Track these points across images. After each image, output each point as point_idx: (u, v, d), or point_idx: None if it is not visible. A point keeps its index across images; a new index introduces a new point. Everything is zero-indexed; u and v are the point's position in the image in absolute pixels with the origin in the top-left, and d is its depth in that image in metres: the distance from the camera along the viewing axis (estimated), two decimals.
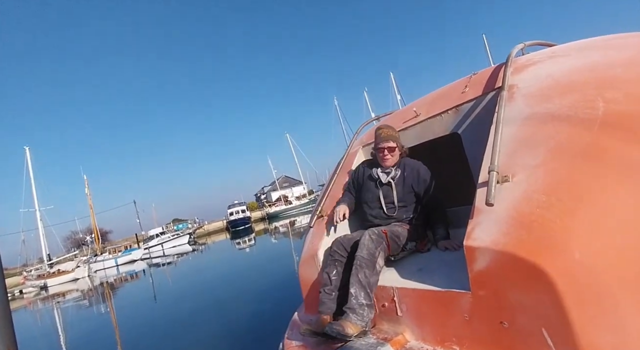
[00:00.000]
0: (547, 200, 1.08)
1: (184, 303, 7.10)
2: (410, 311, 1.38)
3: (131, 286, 13.50)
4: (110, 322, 7.29)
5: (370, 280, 1.52)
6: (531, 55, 1.88)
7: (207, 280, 9.45)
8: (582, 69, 1.48)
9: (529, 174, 1.20)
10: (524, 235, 1.05)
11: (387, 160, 2.00)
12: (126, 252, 26.73)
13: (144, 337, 5.34)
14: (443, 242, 1.85)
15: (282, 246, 14.05)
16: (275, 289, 6.16)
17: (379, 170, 2.05)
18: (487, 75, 1.91)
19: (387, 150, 1.98)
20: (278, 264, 9.39)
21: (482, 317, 1.12)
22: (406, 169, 2.01)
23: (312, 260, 1.91)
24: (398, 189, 1.98)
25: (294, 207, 39.15)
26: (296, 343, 1.61)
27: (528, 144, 1.30)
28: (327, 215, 2.18)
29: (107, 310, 8.96)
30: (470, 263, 1.14)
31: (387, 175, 2.01)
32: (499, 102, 1.49)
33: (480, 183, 1.31)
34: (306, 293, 1.96)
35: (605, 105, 1.22)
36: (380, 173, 2.03)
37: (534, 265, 0.98)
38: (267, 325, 4.38)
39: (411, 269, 1.64)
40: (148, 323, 6.17)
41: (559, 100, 1.36)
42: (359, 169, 2.20)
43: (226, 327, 4.78)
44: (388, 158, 1.99)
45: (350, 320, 1.42)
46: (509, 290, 1.05)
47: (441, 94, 2.24)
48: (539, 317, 0.98)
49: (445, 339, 1.23)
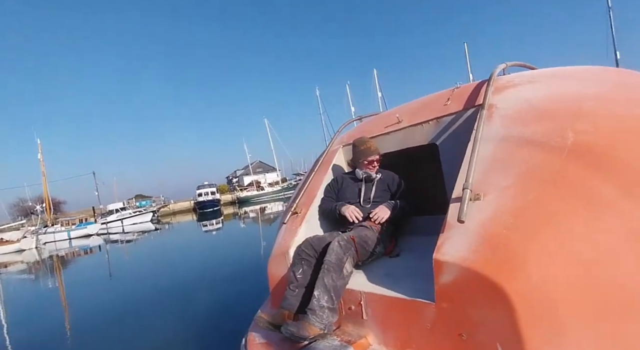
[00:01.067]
0: (513, 222, 1.14)
1: (141, 285, 6.84)
2: (376, 316, 1.42)
3: (84, 261, 12.79)
4: (58, 299, 6.89)
5: (337, 284, 1.54)
6: (512, 77, 1.96)
7: (169, 263, 9.17)
8: (557, 98, 1.55)
9: (499, 195, 1.25)
10: (489, 254, 1.10)
11: (373, 170, 2.26)
12: (81, 226, 25.15)
13: (94, 318, 5.08)
14: (380, 210, 2.04)
15: (251, 232, 13.93)
16: (241, 278, 6.10)
17: (361, 171, 2.27)
18: (469, 91, 1.97)
19: (377, 162, 2.26)
20: (245, 251, 9.29)
21: (443, 328, 1.17)
22: (383, 174, 2.28)
23: (282, 257, 1.91)
24: (377, 186, 2.23)
25: (265, 193, 38.80)
26: (259, 340, 1.61)
27: (501, 165, 1.36)
28: (301, 213, 2.17)
29: (55, 285, 8.44)
30: (437, 276, 1.19)
31: (367, 174, 2.25)
32: (478, 120, 1.54)
33: (453, 198, 1.36)
34: (273, 289, 1.95)
35: (574, 135, 1.30)
36: (361, 172, 2.26)
37: (495, 284, 1.04)
38: (230, 316, 4.34)
39: (379, 274, 1.68)
40: (100, 303, 5.88)
41: (533, 126, 1.43)
42: (339, 177, 2.38)
43: (186, 316, 4.67)
44: (374, 167, 2.26)
45: (308, 321, 1.44)
46: (471, 305, 1.10)
47: (424, 103, 2.28)
48: (496, 333, 1.04)
49: (406, 345, 1.28)
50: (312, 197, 2.27)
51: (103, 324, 4.76)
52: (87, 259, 13.35)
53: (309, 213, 2.15)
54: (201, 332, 4.01)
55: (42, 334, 4.83)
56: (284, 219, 2.19)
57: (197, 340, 3.74)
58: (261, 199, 37.04)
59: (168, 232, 20.21)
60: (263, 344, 1.56)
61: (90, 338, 4.29)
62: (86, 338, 4.33)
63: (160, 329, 4.37)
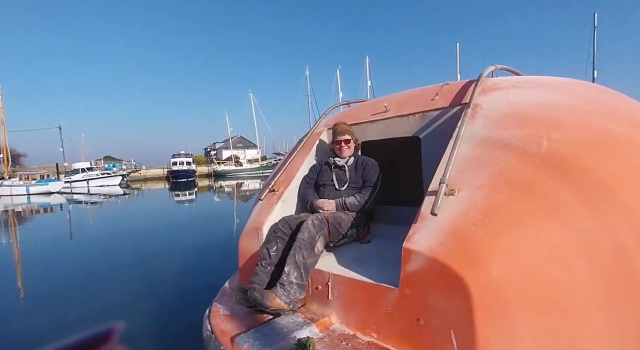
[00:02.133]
0: (481, 219, 1.20)
1: (104, 249, 6.63)
2: (341, 297, 1.46)
3: (43, 219, 12.15)
4: (11, 256, 6.55)
5: (307, 262, 1.57)
6: (498, 80, 2.00)
7: (136, 230, 8.90)
8: (537, 106, 1.61)
9: (472, 192, 1.30)
10: (456, 247, 1.15)
11: (344, 151, 2.28)
12: (42, 182, 23.75)
13: (50, 278, 4.89)
14: (326, 203, 2.08)
15: (225, 207, 13.74)
16: (209, 252, 6.05)
17: (337, 159, 2.30)
18: (457, 89, 2.00)
19: (344, 143, 2.28)
20: (216, 225, 9.18)
21: (403, 312, 1.23)
22: (359, 160, 2.31)
23: (254, 233, 1.90)
24: (351, 172, 2.26)
25: (244, 169, 38.19)
26: (223, 311, 1.62)
27: (477, 165, 1.41)
28: (278, 191, 2.16)
29: (9, 241, 8.01)
30: (405, 263, 1.23)
31: (342, 161, 2.28)
32: (463, 118, 1.58)
33: (429, 191, 1.39)
34: (243, 264, 1.95)
35: (548, 143, 1.36)
36: (337, 160, 2.29)
37: (457, 275, 1.09)
38: (195, 287, 4.32)
39: (349, 258, 1.72)
40: (57, 264, 5.65)
41: (512, 129, 1.48)
42: (321, 162, 2.41)
43: (149, 284, 4.59)
44: (345, 149, 2.28)
45: (275, 293, 1.47)
46: (432, 293, 1.16)
47: (413, 95, 2.30)
48: (451, 320, 1.10)
49: (367, 326, 1.33)
50: (291, 177, 2.26)
51: (60, 285, 4.59)
52: (46, 217, 12.69)
53: (286, 192, 2.15)
54: (163, 300, 3.98)
55: None
56: (261, 195, 2.17)
57: (159, 308, 3.72)
58: (239, 174, 36.46)
59: (137, 198, 19.54)
60: (226, 316, 1.57)
61: (45, 299, 4.14)
62: (41, 298, 4.17)
63: (121, 294, 4.29)
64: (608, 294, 1.07)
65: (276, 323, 1.42)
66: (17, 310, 4.00)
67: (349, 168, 2.25)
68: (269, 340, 1.27)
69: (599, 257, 1.09)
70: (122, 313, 3.68)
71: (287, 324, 1.41)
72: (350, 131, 2.31)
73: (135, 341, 3.08)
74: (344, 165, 2.26)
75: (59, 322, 3.55)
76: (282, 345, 1.24)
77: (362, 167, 2.25)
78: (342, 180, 2.24)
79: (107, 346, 0.24)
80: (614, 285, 1.07)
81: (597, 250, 1.10)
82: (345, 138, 2.27)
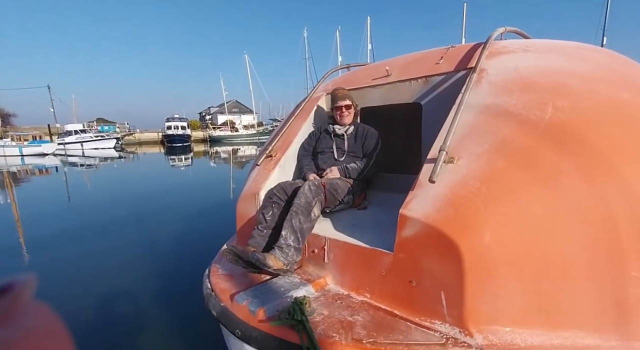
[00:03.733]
0: (479, 187, 1.20)
1: (102, 210, 6.70)
2: (336, 260, 1.51)
3: (39, 181, 12.13)
4: (10, 215, 6.62)
5: (303, 227, 1.59)
6: (507, 43, 1.91)
7: (133, 193, 8.95)
8: (545, 71, 1.55)
9: (471, 160, 1.29)
10: (452, 214, 1.16)
11: (344, 118, 2.22)
12: (34, 142, 23.38)
13: (50, 238, 5.00)
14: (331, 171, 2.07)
15: (221, 173, 13.76)
16: (207, 216, 6.15)
17: (336, 126, 2.26)
18: (463, 52, 1.90)
19: (345, 108, 2.20)
20: (213, 190, 9.25)
21: (396, 274, 1.27)
22: (359, 128, 2.26)
23: (252, 198, 1.91)
24: (350, 141, 2.22)
25: (239, 135, 37.70)
26: (222, 271, 1.67)
27: (478, 132, 1.38)
28: (275, 156, 2.14)
29: (6, 201, 8.05)
30: (400, 229, 1.25)
31: (342, 129, 2.23)
32: (467, 84, 1.52)
33: (428, 159, 1.38)
34: (240, 227, 1.98)
35: (553, 111, 1.32)
36: (336, 127, 2.25)
37: (450, 240, 1.12)
38: (194, 249, 4.44)
39: (346, 223, 1.75)
40: (57, 224, 5.74)
41: (517, 95, 1.43)
42: (320, 128, 2.36)
43: (148, 244, 4.71)
44: (346, 115, 2.22)
45: (274, 255, 1.51)
46: (426, 257, 1.19)
47: (416, 59, 2.20)
48: (441, 282, 1.15)
49: (360, 287, 1.39)
50: (288, 143, 2.22)
51: (60, 243, 4.70)
52: (42, 178, 12.66)
53: (283, 157, 2.12)
54: (163, 261, 4.11)
55: None
56: (258, 160, 2.15)
57: (159, 269, 3.85)
58: (234, 140, 36.06)
59: (133, 162, 19.43)
60: (225, 275, 1.62)
61: (46, 256, 4.25)
62: (42, 256, 4.29)
63: (120, 253, 4.41)
64: (592, 260, 1.11)
65: (274, 283, 1.48)
66: (25, 270, 4.11)
67: (348, 137, 2.22)
68: (267, 298, 1.33)
69: (588, 227, 1.11)
70: (123, 272, 3.82)
71: (284, 284, 1.46)
72: (350, 97, 2.23)
73: (137, 298, 3.22)
74: (343, 134, 2.22)
75: (66, 280, 3.68)
76: (280, 303, 1.29)
77: (362, 137, 2.21)
78: (341, 149, 2.21)
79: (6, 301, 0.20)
80: (599, 253, 1.11)
81: (586, 220, 1.12)
82: (346, 103, 2.20)
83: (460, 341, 1.07)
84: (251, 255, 1.48)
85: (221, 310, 1.37)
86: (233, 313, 1.32)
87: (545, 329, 1.09)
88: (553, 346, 1.05)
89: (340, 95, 2.21)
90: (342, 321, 1.21)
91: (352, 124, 2.27)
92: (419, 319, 1.19)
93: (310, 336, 1.09)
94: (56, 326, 0.23)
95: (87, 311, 2.96)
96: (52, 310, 0.23)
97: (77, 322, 2.80)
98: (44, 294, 3.34)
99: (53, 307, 0.24)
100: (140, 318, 2.87)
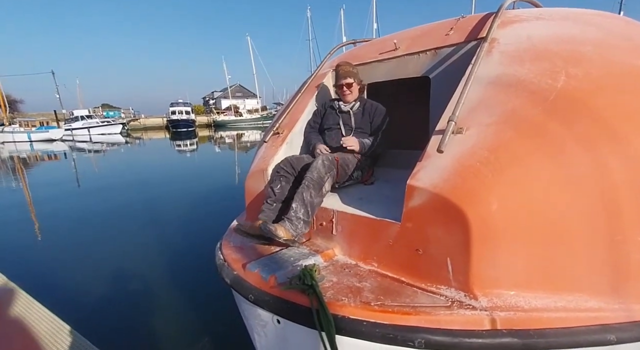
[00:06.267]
0: (487, 156, 1.20)
1: (113, 194, 6.84)
2: (344, 232, 1.54)
3: (49, 166, 12.35)
4: (23, 200, 6.80)
5: (314, 201, 1.62)
6: (519, 12, 1.85)
7: (142, 177, 9.08)
8: (559, 39, 1.51)
9: (480, 131, 1.28)
10: (459, 182, 1.17)
11: (347, 96, 2.16)
12: (41, 128, 23.64)
13: (64, 223, 5.14)
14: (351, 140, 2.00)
15: (227, 157, 13.83)
16: (215, 197, 6.24)
17: (341, 103, 2.21)
18: (473, 22, 1.85)
19: (346, 87, 2.12)
20: (220, 173, 9.35)
21: (403, 243, 1.30)
22: (366, 104, 2.19)
23: (260, 174, 1.93)
24: (357, 117, 2.17)
25: (244, 119, 37.57)
26: (233, 243, 1.72)
27: (489, 103, 1.36)
28: (283, 133, 2.14)
29: (19, 186, 8.25)
30: (408, 199, 1.27)
31: (347, 106, 2.18)
32: (478, 54, 1.49)
33: (437, 130, 1.38)
34: (249, 203, 2.02)
35: (565, 79, 1.30)
36: (342, 104, 2.20)
37: (458, 208, 1.13)
38: (205, 227, 4.55)
39: (353, 197, 1.77)
40: (70, 209, 5.89)
41: (529, 65, 1.41)
42: (324, 104, 2.30)
43: (162, 225, 4.83)
44: (347, 94, 2.15)
45: (284, 226, 1.55)
46: (431, 225, 1.21)
47: (425, 31, 2.14)
48: (448, 249, 1.17)
49: (368, 257, 1.42)
50: (295, 119, 2.22)
51: (74, 229, 4.84)
52: (51, 164, 12.88)
53: (290, 134, 2.13)
54: (176, 239, 4.24)
55: (10, 235, 4.87)
56: (265, 137, 2.16)
57: (173, 246, 3.97)
58: (239, 125, 35.98)
59: (140, 148, 19.60)
60: (236, 247, 1.67)
61: (61, 242, 4.39)
62: (57, 241, 4.43)
63: (135, 232, 4.55)
64: (595, 226, 1.13)
65: (283, 253, 1.52)
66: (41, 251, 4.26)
67: (354, 113, 2.16)
68: (278, 266, 1.37)
69: (589, 195, 1.12)
70: (137, 251, 3.94)
71: (293, 254, 1.50)
72: (353, 73, 2.13)
73: (152, 272, 3.34)
74: (349, 111, 2.16)
75: (84, 261, 3.81)
76: (290, 271, 1.34)
77: (369, 114, 2.15)
78: (348, 125, 2.16)
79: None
80: (598, 220, 1.12)
81: (588, 189, 1.13)
82: (347, 82, 2.10)
83: (465, 304, 1.11)
84: (262, 226, 1.52)
85: (234, 278, 1.42)
86: (246, 280, 1.37)
87: (549, 292, 1.12)
88: (556, 308, 1.08)
89: (342, 72, 2.11)
90: (350, 287, 1.25)
91: (358, 99, 2.20)
92: (425, 285, 1.23)
93: (320, 299, 1.14)
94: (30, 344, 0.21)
95: (105, 286, 3.09)
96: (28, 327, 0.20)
97: (97, 293, 2.93)
98: (64, 271, 3.48)
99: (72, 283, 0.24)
100: (156, 288, 3.00)
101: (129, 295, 2.90)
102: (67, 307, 2.52)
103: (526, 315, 1.06)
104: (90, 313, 2.62)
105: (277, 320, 1.27)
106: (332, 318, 1.09)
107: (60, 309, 2.05)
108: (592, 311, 1.08)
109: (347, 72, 2.11)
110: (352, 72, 2.12)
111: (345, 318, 1.11)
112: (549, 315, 1.06)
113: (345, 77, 2.10)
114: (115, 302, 2.78)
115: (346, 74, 2.10)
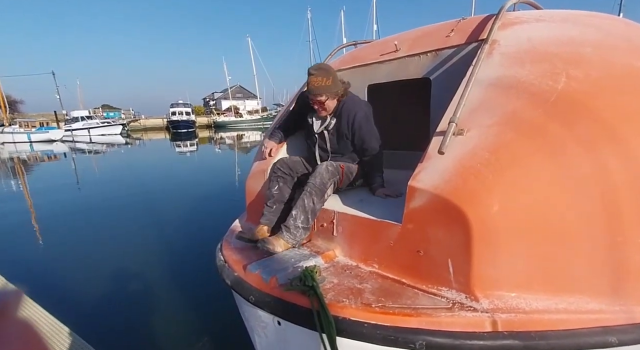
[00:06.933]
0: (488, 157, 1.20)
1: (113, 195, 6.84)
2: (345, 233, 1.54)
3: (49, 167, 12.36)
4: (23, 200, 6.79)
5: (315, 208, 1.61)
6: (520, 14, 1.86)
7: (142, 178, 9.09)
8: (559, 41, 1.51)
9: (481, 132, 1.28)
10: (460, 184, 1.17)
11: (320, 112, 1.83)
12: (41, 129, 23.65)
13: (63, 222, 5.13)
14: (382, 190, 1.82)
15: (227, 158, 13.84)
16: (216, 198, 6.24)
17: (314, 117, 1.90)
18: (474, 24, 1.86)
19: (317, 104, 1.78)
20: (220, 174, 9.35)
21: (404, 245, 1.30)
22: (342, 116, 1.81)
23: (261, 174, 1.93)
24: (332, 138, 1.87)
25: (244, 120, 37.58)
26: (234, 245, 1.71)
27: (489, 104, 1.37)
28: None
29: (19, 188, 8.24)
30: (409, 200, 1.27)
31: (320, 125, 1.88)
32: (478, 55, 1.49)
33: (437, 131, 1.38)
34: (250, 203, 2.02)
35: (566, 81, 1.30)
36: (315, 121, 1.90)
37: (459, 209, 1.13)
38: (206, 228, 4.54)
39: (354, 199, 1.77)
40: (69, 210, 5.89)
41: (529, 66, 1.41)
42: (303, 101, 1.95)
43: (162, 224, 4.83)
44: (320, 111, 1.82)
45: (282, 238, 1.55)
46: (432, 226, 1.21)
47: (426, 32, 2.15)
48: (449, 251, 1.17)
49: (368, 258, 1.42)
50: None
51: (74, 229, 4.83)
52: (51, 165, 12.88)
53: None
54: (176, 239, 4.22)
55: (10, 235, 4.87)
56: (266, 138, 2.16)
57: (173, 246, 3.96)
58: (239, 125, 36.00)
59: (140, 148, 19.60)
60: (237, 248, 1.67)
61: (60, 242, 4.39)
62: (57, 242, 4.42)
63: (135, 232, 4.54)
64: (596, 228, 1.13)
65: (284, 254, 1.52)
66: (42, 252, 4.26)
67: (330, 134, 1.86)
68: (278, 268, 1.37)
69: (589, 196, 1.13)
70: (138, 251, 3.94)
71: (294, 255, 1.50)
72: (325, 87, 1.69)
73: (152, 272, 3.33)
74: (323, 132, 1.87)
75: (84, 261, 3.81)
76: (291, 272, 1.33)
77: (348, 128, 1.80)
78: (323, 149, 1.91)
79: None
80: (599, 221, 1.12)
81: (588, 191, 1.13)
82: (319, 99, 1.74)
83: (467, 306, 1.11)
84: (260, 244, 1.52)
85: (234, 279, 1.42)
86: (246, 281, 1.37)
87: (550, 294, 1.12)
88: (557, 310, 1.08)
89: (311, 88, 1.70)
90: (351, 288, 1.25)
91: (334, 111, 1.84)
92: (426, 286, 1.23)
93: (320, 301, 1.13)
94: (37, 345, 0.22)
95: (105, 286, 3.08)
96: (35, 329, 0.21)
97: (96, 294, 2.92)
98: (65, 271, 3.48)
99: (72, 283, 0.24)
100: (156, 288, 2.99)
101: (129, 296, 2.90)
102: (66, 308, 2.52)
103: (527, 317, 1.05)
104: (89, 314, 2.61)
105: (277, 321, 1.27)
106: (332, 319, 1.09)
107: (60, 311, 2.05)
108: (593, 313, 1.08)
109: (317, 88, 1.69)
110: (324, 87, 1.69)
111: (346, 319, 1.10)
112: (550, 317, 1.06)
113: (317, 95, 1.71)
114: (115, 303, 2.78)
115: (317, 89, 1.69)
